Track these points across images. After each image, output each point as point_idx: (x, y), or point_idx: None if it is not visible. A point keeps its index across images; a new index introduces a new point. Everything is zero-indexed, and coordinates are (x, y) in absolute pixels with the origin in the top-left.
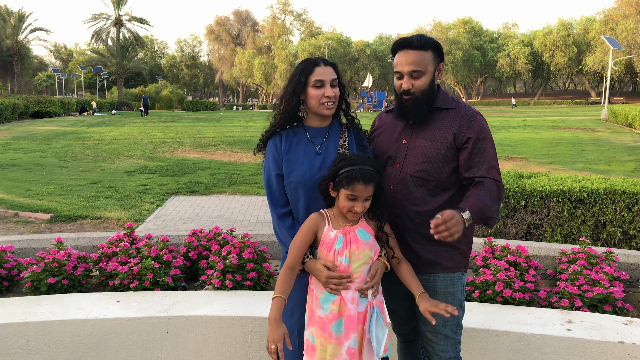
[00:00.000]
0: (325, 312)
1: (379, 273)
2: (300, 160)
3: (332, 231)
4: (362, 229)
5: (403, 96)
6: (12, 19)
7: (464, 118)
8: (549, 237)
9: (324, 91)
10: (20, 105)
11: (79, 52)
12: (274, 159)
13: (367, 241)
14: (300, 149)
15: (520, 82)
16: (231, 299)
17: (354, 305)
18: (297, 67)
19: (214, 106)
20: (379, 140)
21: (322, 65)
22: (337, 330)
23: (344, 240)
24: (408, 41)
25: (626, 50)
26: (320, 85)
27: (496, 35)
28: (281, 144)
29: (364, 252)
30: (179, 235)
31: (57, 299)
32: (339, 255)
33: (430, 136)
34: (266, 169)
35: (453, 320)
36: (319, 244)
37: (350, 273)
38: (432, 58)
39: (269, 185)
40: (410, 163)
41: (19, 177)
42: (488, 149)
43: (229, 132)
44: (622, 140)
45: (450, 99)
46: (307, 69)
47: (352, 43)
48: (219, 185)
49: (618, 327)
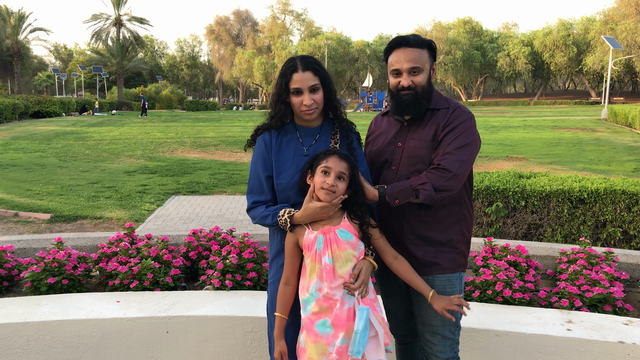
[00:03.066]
0: (307, 314)
1: (364, 272)
2: (290, 162)
3: (311, 233)
4: (343, 229)
5: (401, 92)
6: (12, 19)
7: (450, 114)
8: (549, 237)
9: (302, 99)
10: (20, 105)
11: (79, 52)
12: (263, 158)
13: (348, 240)
14: (290, 149)
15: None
16: (231, 299)
17: (342, 304)
18: (282, 67)
19: (214, 106)
20: (374, 144)
21: (299, 72)
22: (323, 330)
23: (324, 240)
24: (405, 39)
25: (626, 50)
26: (298, 93)
27: (496, 35)
28: (271, 142)
29: (346, 252)
30: (179, 235)
31: (57, 299)
32: (322, 255)
33: (421, 136)
34: (253, 166)
35: (451, 320)
36: (303, 249)
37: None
38: (428, 56)
39: (255, 183)
40: (405, 165)
41: (19, 177)
42: (454, 138)
43: (229, 132)
44: (622, 140)
45: (443, 99)
46: (286, 75)
47: (352, 43)
48: (219, 185)
49: (618, 327)
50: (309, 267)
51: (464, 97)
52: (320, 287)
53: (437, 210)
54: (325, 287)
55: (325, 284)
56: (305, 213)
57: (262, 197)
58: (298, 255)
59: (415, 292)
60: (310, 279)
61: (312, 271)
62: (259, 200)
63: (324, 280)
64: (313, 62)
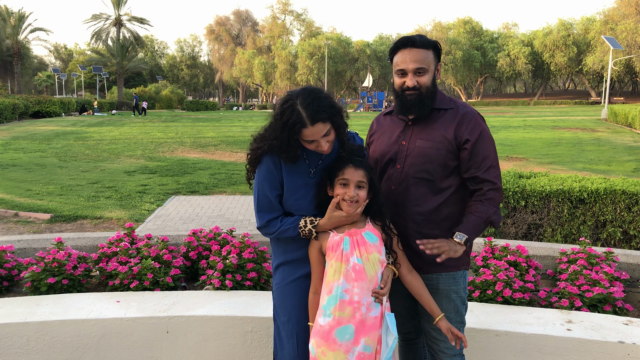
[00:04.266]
0: (327, 319)
1: (389, 280)
2: (300, 184)
3: (336, 235)
4: (369, 232)
5: (406, 92)
6: (12, 19)
7: (462, 118)
8: (549, 237)
9: (316, 145)
10: (20, 105)
11: (79, 52)
12: (272, 177)
13: (374, 243)
14: (300, 170)
15: (520, 82)
16: (231, 299)
17: (368, 310)
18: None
19: (214, 106)
20: (377, 144)
21: (309, 127)
22: (343, 337)
23: (351, 242)
24: (411, 39)
25: (626, 50)
26: (312, 141)
27: (496, 35)
28: (280, 161)
29: (373, 255)
30: (179, 235)
31: (57, 299)
32: (350, 256)
33: (429, 136)
34: (260, 186)
35: (457, 317)
36: (326, 251)
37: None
38: (433, 57)
39: (264, 202)
40: (410, 164)
41: (19, 177)
42: (487, 149)
43: (229, 132)
44: (622, 140)
45: (447, 99)
46: (293, 129)
47: (352, 43)
48: (219, 185)
49: (618, 327)
50: (334, 268)
51: (464, 97)
52: (347, 288)
53: (442, 210)
54: (355, 287)
55: (355, 284)
56: (330, 221)
57: (274, 214)
58: (323, 262)
59: None
60: (335, 280)
61: (337, 272)
62: (272, 217)
63: (351, 280)
64: (320, 111)
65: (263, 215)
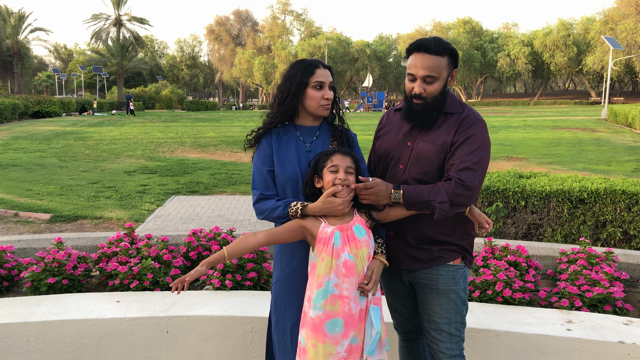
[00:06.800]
0: (317, 312)
1: (376, 272)
2: (292, 157)
3: (327, 227)
4: (358, 225)
5: (413, 99)
6: (12, 19)
7: (462, 121)
8: (549, 237)
9: (324, 93)
10: (20, 105)
11: (79, 52)
12: (265, 155)
13: (363, 238)
14: (291, 146)
15: (520, 82)
16: (231, 299)
17: (356, 304)
18: (294, 67)
19: (214, 106)
20: (384, 140)
21: (321, 68)
22: (333, 330)
23: (342, 237)
24: (425, 44)
25: (626, 50)
26: (320, 87)
27: (496, 35)
28: (272, 141)
29: (362, 250)
30: (179, 235)
31: (57, 299)
32: (340, 251)
33: (432, 139)
34: (255, 163)
35: (457, 317)
36: (316, 241)
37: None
38: (447, 64)
39: (259, 178)
40: (413, 166)
41: (19, 177)
42: (470, 152)
43: (229, 132)
44: (622, 140)
45: (458, 103)
46: (308, 70)
47: (352, 43)
48: (219, 185)
49: (618, 327)
50: (325, 263)
51: (464, 97)
52: (337, 282)
53: None
54: (345, 283)
55: (345, 279)
56: (323, 205)
57: (269, 191)
58: (295, 236)
59: (420, 289)
60: (325, 274)
61: (328, 267)
62: (266, 194)
63: (342, 275)
64: (328, 65)
65: (257, 191)
